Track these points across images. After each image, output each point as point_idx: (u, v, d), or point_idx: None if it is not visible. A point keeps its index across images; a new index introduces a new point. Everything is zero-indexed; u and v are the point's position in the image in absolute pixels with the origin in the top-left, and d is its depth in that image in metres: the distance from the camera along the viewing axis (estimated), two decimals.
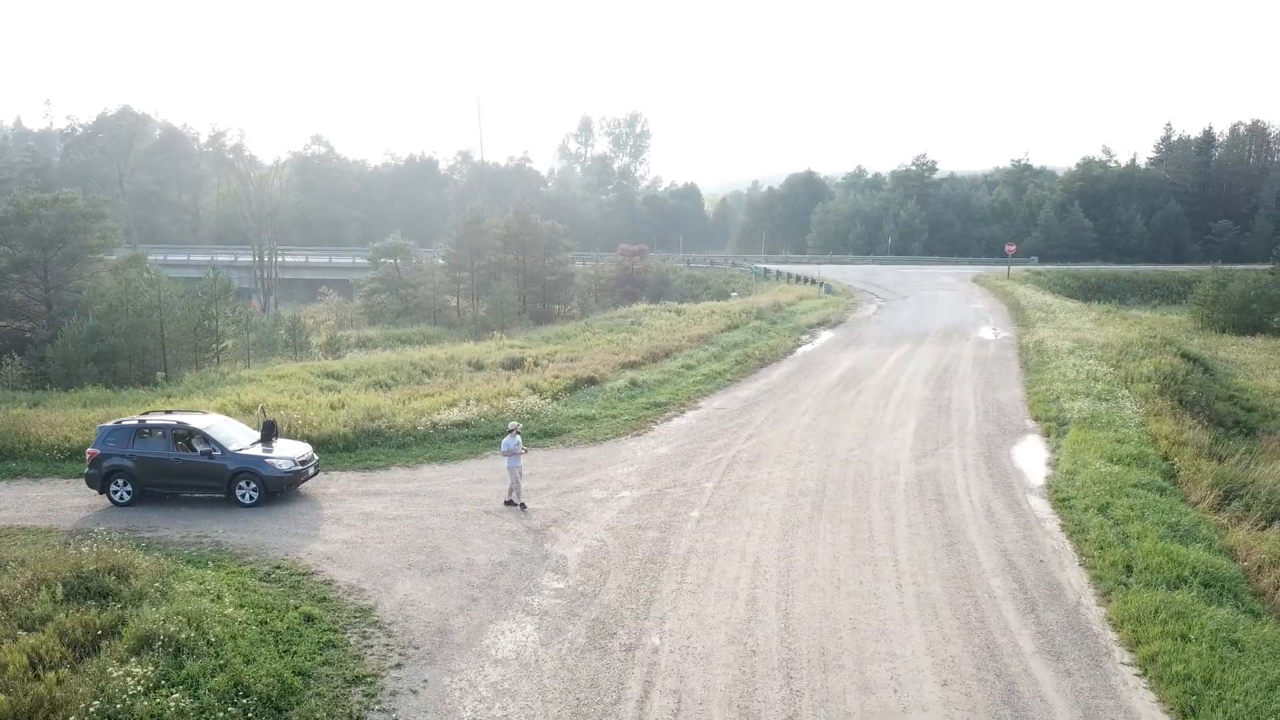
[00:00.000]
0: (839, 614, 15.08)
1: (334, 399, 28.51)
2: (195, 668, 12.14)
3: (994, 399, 31.96)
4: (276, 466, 20.60)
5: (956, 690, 12.71)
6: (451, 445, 25.37)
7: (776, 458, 24.50)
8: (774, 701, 12.40)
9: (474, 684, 12.90)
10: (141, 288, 37.37)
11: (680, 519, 19.69)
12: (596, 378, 33.38)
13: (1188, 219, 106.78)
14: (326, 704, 12.18)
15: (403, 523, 19.47)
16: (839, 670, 13.26)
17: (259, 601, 14.85)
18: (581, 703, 12.39)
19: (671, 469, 23.56)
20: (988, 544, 18.21)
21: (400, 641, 14.13)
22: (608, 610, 15.24)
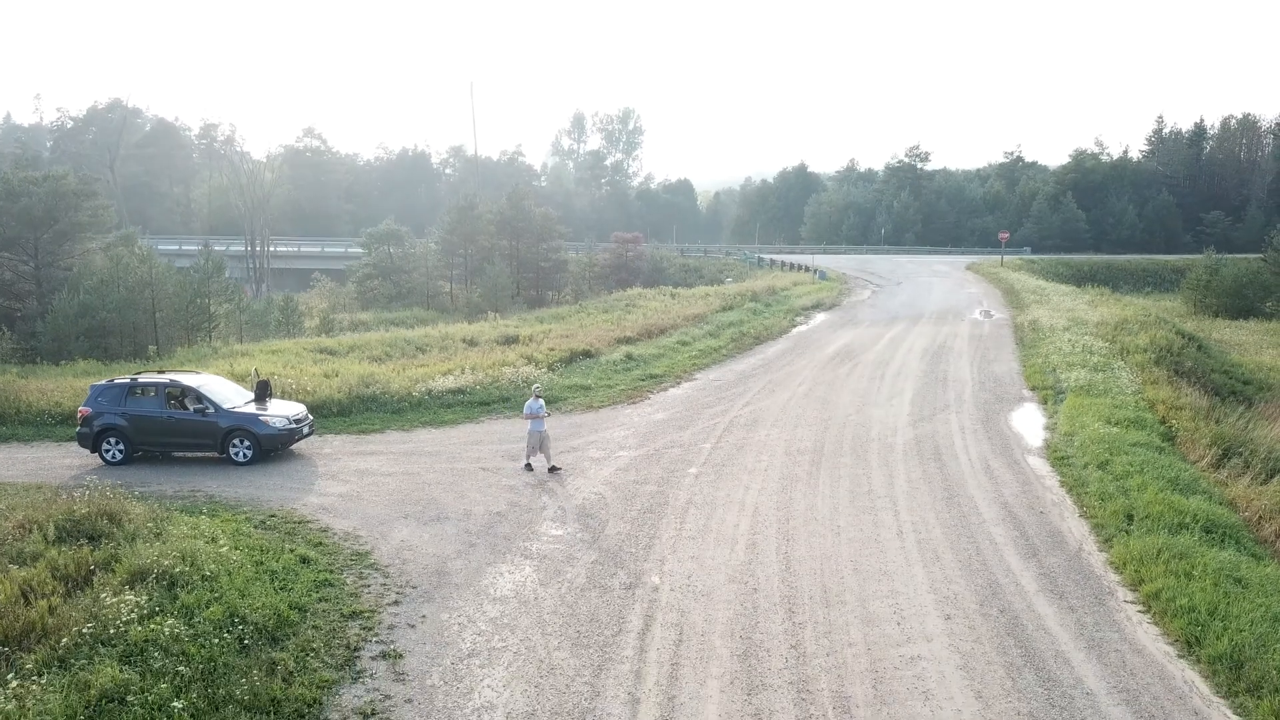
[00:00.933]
0: (840, 557, 14.96)
1: (328, 368, 28.30)
2: (190, 599, 11.96)
3: (990, 371, 31.90)
4: (271, 424, 20.40)
5: (960, 623, 12.59)
6: (447, 411, 25.19)
7: (773, 422, 24.38)
8: (776, 633, 12.27)
9: (473, 619, 12.75)
10: (133, 264, 37.05)
11: (678, 475, 19.56)
12: (592, 351, 33.22)
13: (1179, 210, 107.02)
14: (323, 635, 12.01)
15: (398, 479, 19.30)
16: (841, 606, 13.13)
17: (254, 544, 14.66)
18: (582, 635, 12.24)
19: (668, 432, 23.42)
20: (987, 497, 18.11)
21: (397, 582, 13.97)
22: (607, 554, 15.10)
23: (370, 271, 61.93)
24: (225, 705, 9.86)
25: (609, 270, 71.54)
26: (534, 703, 10.55)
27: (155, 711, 9.57)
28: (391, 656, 11.60)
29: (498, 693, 10.78)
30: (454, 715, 10.29)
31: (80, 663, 10.27)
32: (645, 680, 11.04)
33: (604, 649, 11.84)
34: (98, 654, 10.45)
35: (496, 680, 11.07)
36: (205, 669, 10.46)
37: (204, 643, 10.96)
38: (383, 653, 11.73)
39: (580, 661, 11.51)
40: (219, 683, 10.25)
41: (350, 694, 10.75)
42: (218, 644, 10.98)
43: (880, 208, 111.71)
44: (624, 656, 11.64)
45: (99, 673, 9.98)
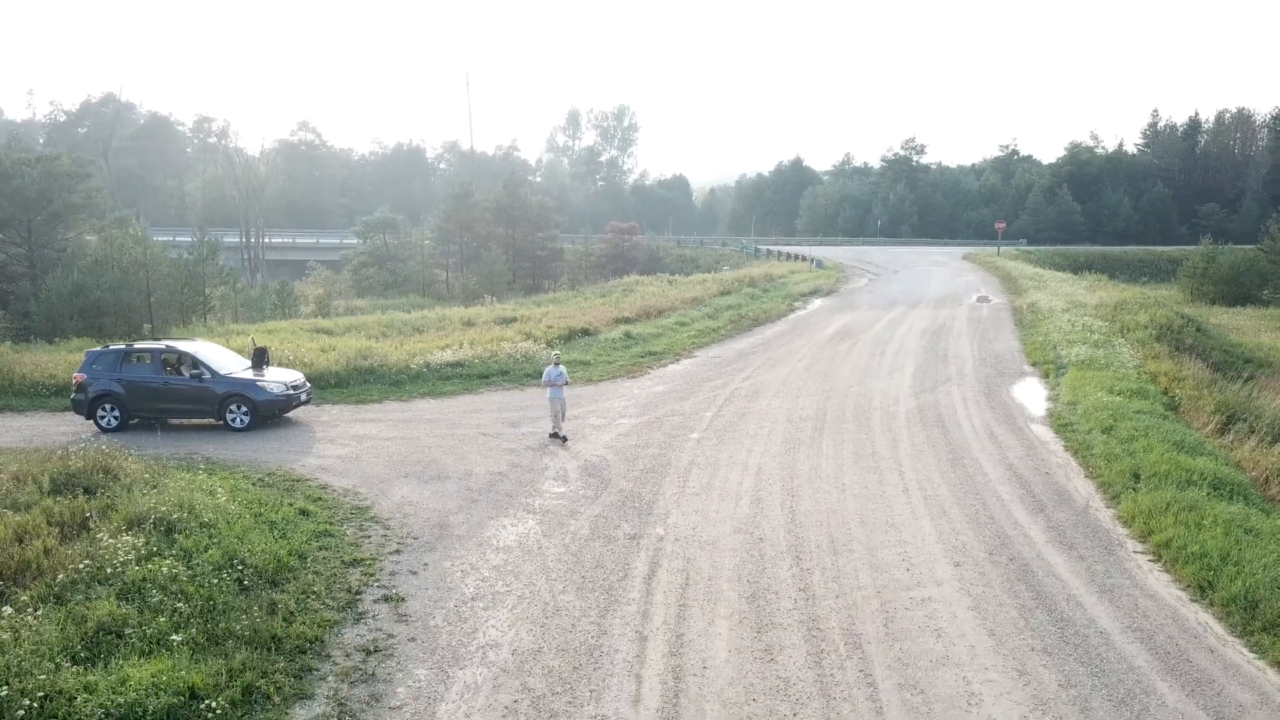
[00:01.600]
0: (846, 511, 14.79)
1: (324, 344, 28.07)
2: (188, 543, 11.76)
3: (990, 349, 31.76)
4: (268, 389, 20.19)
5: (970, 570, 12.43)
6: (445, 383, 24.98)
7: (774, 393, 24.22)
8: (784, 578, 12.10)
9: (475, 567, 12.56)
10: (127, 245, 36.77)
11: (679, 439, 19.38)
12: (590, 329, 33.03)
13: (1175, 203, 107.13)
14: (324, 580, 11.81)
15: (398, 443, 19.10)
16: (849, 554, 12.97)
17: (252, 498, 14.45)
18: (587, 580, 12.06)
19: (669, 402, 23.24)
20: (992, 459, 17.95)
21: (398, 533, 13.77)
22: (611, 508, 14.92)
23: (366, 260, 61.61)
24: (225, 640, 9.66)
25: (605, 260, 71.31)
26: (540, 641, 10.36)
27: (154, 645, 9.37)
28: (394, 600, 11.41)
29: (502, 632, 10.59)
30: (458, 653, 10.10)
31: (77, 598, 10.07)
32: (652, 620, 10.86)
33: (609, 592, 11.66)
34: (94, 591, 10.26)
35: (501, 621, 10.88)
36: (204, 607, 10.26)
37: (202, 582, 10.77)
38: (384, 596, 11.54)
39: (586, 604, 11.33)
40: (218, 619, 10.05)
41: (353, 633, 10.55)
42: (216, 584, 10.78)
43: (876, 200, 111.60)
44: (630, 599, 11.46)
45: (95, 607, 9.78)
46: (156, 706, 8.22)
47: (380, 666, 9.77)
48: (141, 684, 8.44)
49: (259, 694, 8.94)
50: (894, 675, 9.55)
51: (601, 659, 9.92)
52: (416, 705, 9.02)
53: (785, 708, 8.93)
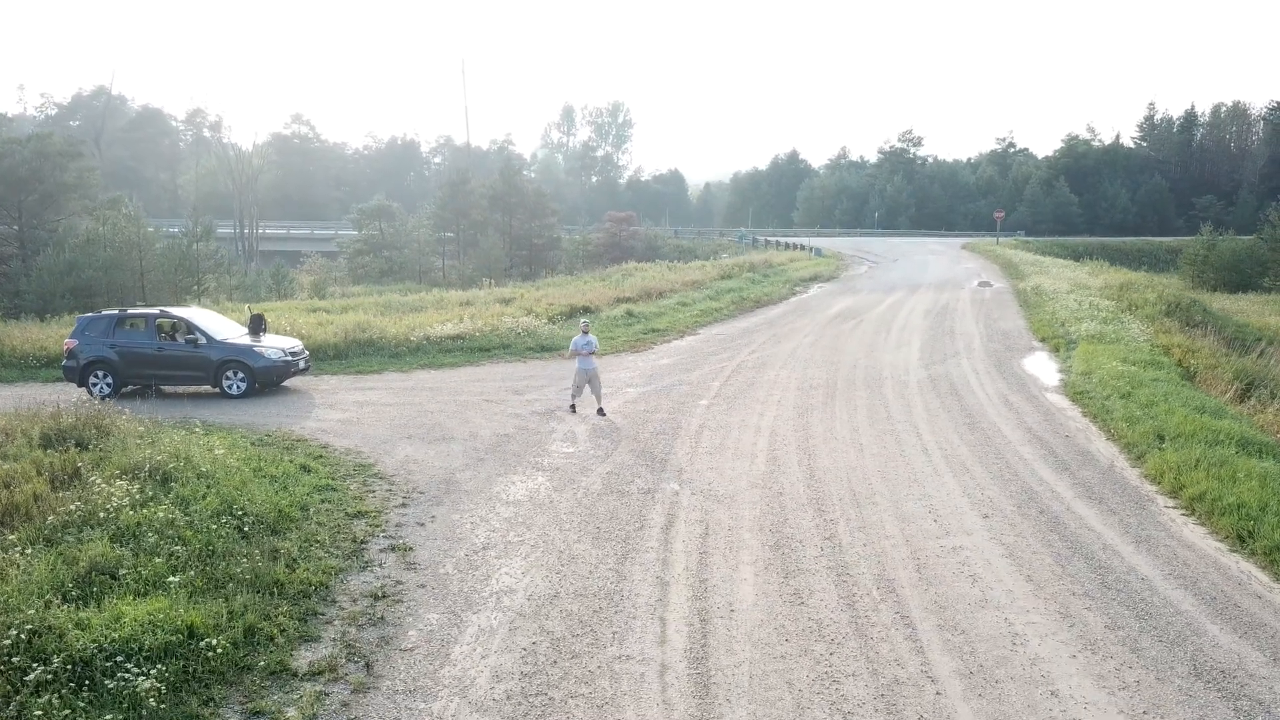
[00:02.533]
0: (865, 468, 14.32)
1: (322, 318, 27.54)
2: (185, 491, 11.24)
3: (996, 327, 31.35)
4: (265, 355, 19.65)
5: (999, 521, 11.96)
6: (446, 355, 24.46)
7: (782, 365, 23.75)
8: (808, 528, 11.61)
9: (485, 519, 12.05)
10: (120, 224, 36.14)
11: (688, 405, 18.89)
12: (592, 307, 32.53)
13: (1172, 195, 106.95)
14: (328, 530, 11.29)
15: (400, 408, 18.58)
16: (872, 506, 12.49)
17: (251, 455, 13.91)
18: (602, 530, 11.55)
19: (675, 373, 22.76)
20: (1010, 424, 17.49)
21: (403, 489, 13.26)
22: (623, 467, 14.42)
23: (361, 247, 60.96)
24: (225, 584, 9.14)
25: (603, 249, 70.77)
26: (556, 586, 9.86)
27: (150, 586, 8.84)
28: (401, 549, 10.90)
29: (516, 579, 10.09)
30: (471, 598, 9.59)
31: (68, 540, 9.55)
32: (673, 567, 10.37)
33: (626, 541, 11.16)
34: (86, 534, 9.73)
35: (515, 568, 10.38)
36: (203, 551, 9.74)
37: (200, 528, 10.24)
38: (391, 546, 11.02)
39: (602, 552, 10.83)
40: (218, 564, 9.53)
41: (359, 580, 10.04)
42: (215, 530, 10.26)
43: (873, 192, 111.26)
44: (648, 547, 10.97)
45: (88, 548, 9.26)
46: (153, 643, 7.70)
47: (389, 611, 9.26)
48: (137, 620, 7.93)
49: (261, 635, 8.42)
50: (932, 617, 9.07)
51: (622, 603, 9.42)
52: (429, 647, 8.51)
53: (820, 647, 8.45)
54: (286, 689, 7.74)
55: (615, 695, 7.63)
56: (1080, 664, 8.17)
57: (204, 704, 7.35)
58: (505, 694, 7.67)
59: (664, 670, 8.03)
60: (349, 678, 7.93)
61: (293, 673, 7.98)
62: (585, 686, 7.78)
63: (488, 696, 7.63)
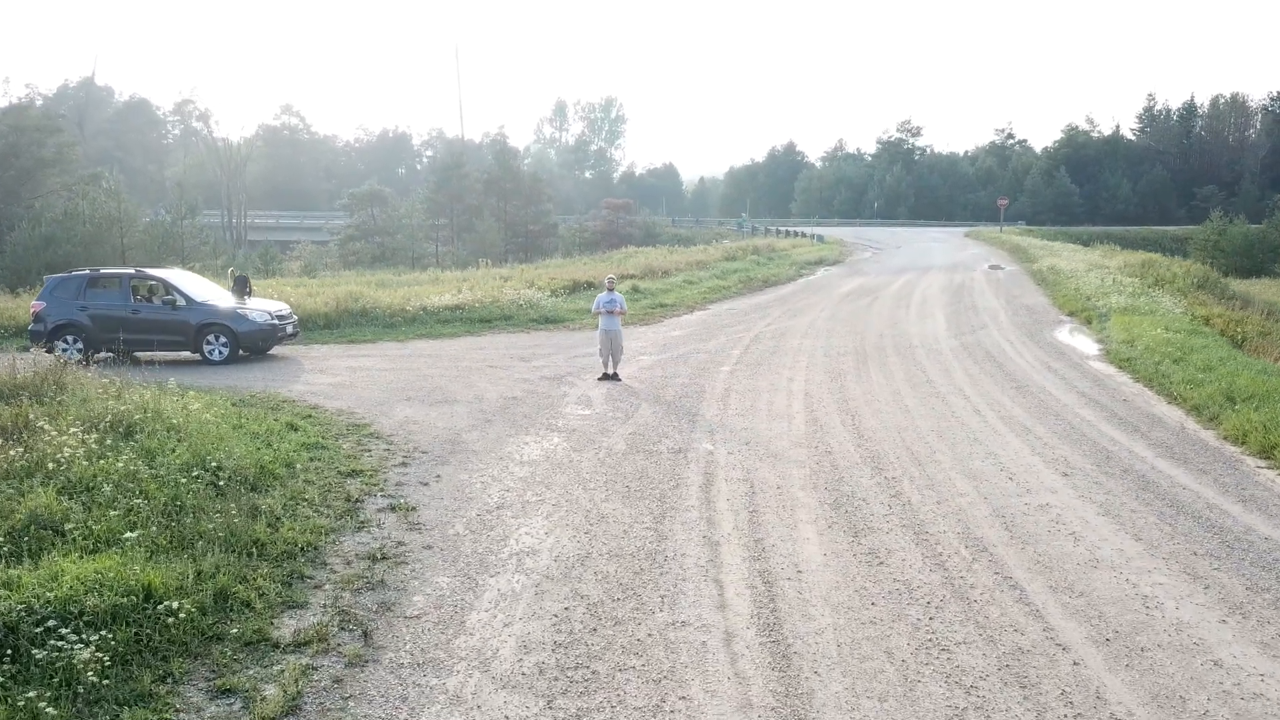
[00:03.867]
0: (918, 428, 12.86)
1: (312, 289, 25.99)
2: (152, 443, 9.71)
3: (1019, 302, 29.98)
4: (250, 318, 18.13)
5: (1082, 480, 10.50)
6: (444, 326, 22.95)
7: (802, 335, 22.31)
8: (868, 486, 10.14)
9: (498, 478, 10.55)
10: (100, 199, 34.49)
11: (709, 372, 17.42)
12: (595, 282, 30.94)
13: (1173, 185, 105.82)
14: (317, 489, 9.77)
15: (397, 373, 17.08)
16: (935, 464, 11.03)
17: (231, 412, 12.37)
18: (632, 490, 10.07)
19: (690, 343, 21.30)
20: (1059, 388, 16.05)
21: (403, 448, 11.75)
22: (646, 428, 12.94)
23: (353, 233, 59.28)
24: (194, 543, 7.63)
25: (600, 237, 69.24)
26: (586, 547, 8.38)
27: (102, 544, 7.32)
28: (402, 509, 9.39)
29: (539, 539, 8.60)
30: (486, 561, 8.10)
31: (5, 492, 8.01)
32: (720, 526, 8.89)
33: (662, 500, 9.68)
34: (28, 485, 8.20)
35: (536, 528, 8.89)
36: (168, 506, 8.24)
37: (167, 481, 8.72)
38: (391, 505, 9.52)
39: (636, 511, 9.34)
40: (185, 519, 8.02)
41: (354, 541, 8.54)
42: (184, 484, 8.74)
43: (872, 183, 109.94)
44: (688, 506, 9.49)
45: (28, 500, 7.74)
46: (98, 605, 6.19)
47: (391, 574, 7.77)
48: (81, 579, 6.41)
49: (236, 600, 6.92)
50: (1039, 578, 7.61)
51: (667, 564, 7.94)
52: (440, 614, 7.02)
53: (915, 611, 6.98)
54: (265, 662, 6.23)
55: (674, 668, 6.15)
56: (1234, 629, 6.72)
57: (159, 679, 5.84)
58: (537, 667, 6.18)
59: (730, 638, 6.55)
60: (343, 649, 6.42)
61: (273, 643, 6.47)
62: (635, 658, 6.29)
63: (515, 670, 6.14)
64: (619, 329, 16.63)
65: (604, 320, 16.58)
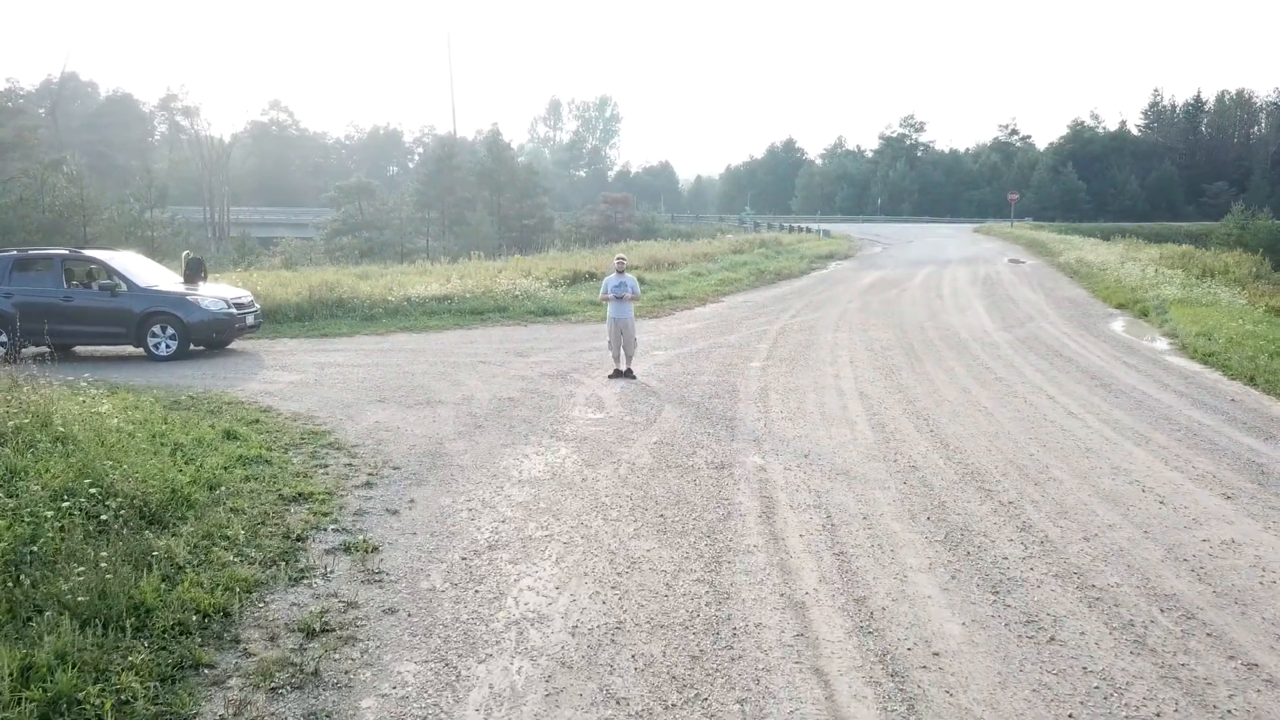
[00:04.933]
0: (1011, 435, 10.38)
1: (284, 278, 23.45)
2: (21, 461, 7.18)
3: (1058, 295, 27.57)
4: (201, 306, 15.59)
5: (1251, 502, 8.03)
6: (431, 318, 20.44)
7: (833, 328, 19.85)
8: (981, 515, 7.65)
9: (490, 504, 8.04)
10: (60, 186, 31.89)
11: (738, 367, 14.93)
12: (597, 273, 28.51)
13: (1181, 181, 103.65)
14: (246, 520, 7.25)
15: (372, 369, 14.56)
16: (1055, 484, 8.54)
17: (156, 418, 9.85)
18: (669, 521, 7.57)
19: (709, 336, 18.83)
20: (1151, 386, 13.58)
21: (369, 462, 9.23)
22: (675, 435, 10.44)
23: (339, 227, 56.58)
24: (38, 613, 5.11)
25: (597, 232, 66.55)
26: (616, 611, 5.87)
27: None
28: (359, 550, 6.87)
29: (548, 597, 6.09)
30: (474, 632, 5.60)
31: None
32: (801, 578, 6.38)
33: (711, 536, 7.18)
34: None
35: (543, 579, 6.38)
36: (10, 555, 5.70)
37: (24, 515, 6.20)
38: (344, 545, 7.00)
39: (678, 553, 6.84)
40: (32, 575, 5.50)
41: (286, 601, 6.02)
42: (50, 518, 6.21)
43: (875, 179, 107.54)
44: (749, 545, 6.99)
45: None
46: None
47: (331, 660, 5.26)
48: None
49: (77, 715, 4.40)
50: None
51: (737, 641, 5.45)
52: None
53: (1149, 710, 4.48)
54: None
55: None
56: None
57: None
58: None
59: None
60: None
61: None
62: None
63: None
64: (630, 316, 14.18)
65: (613, 307, 14.13)
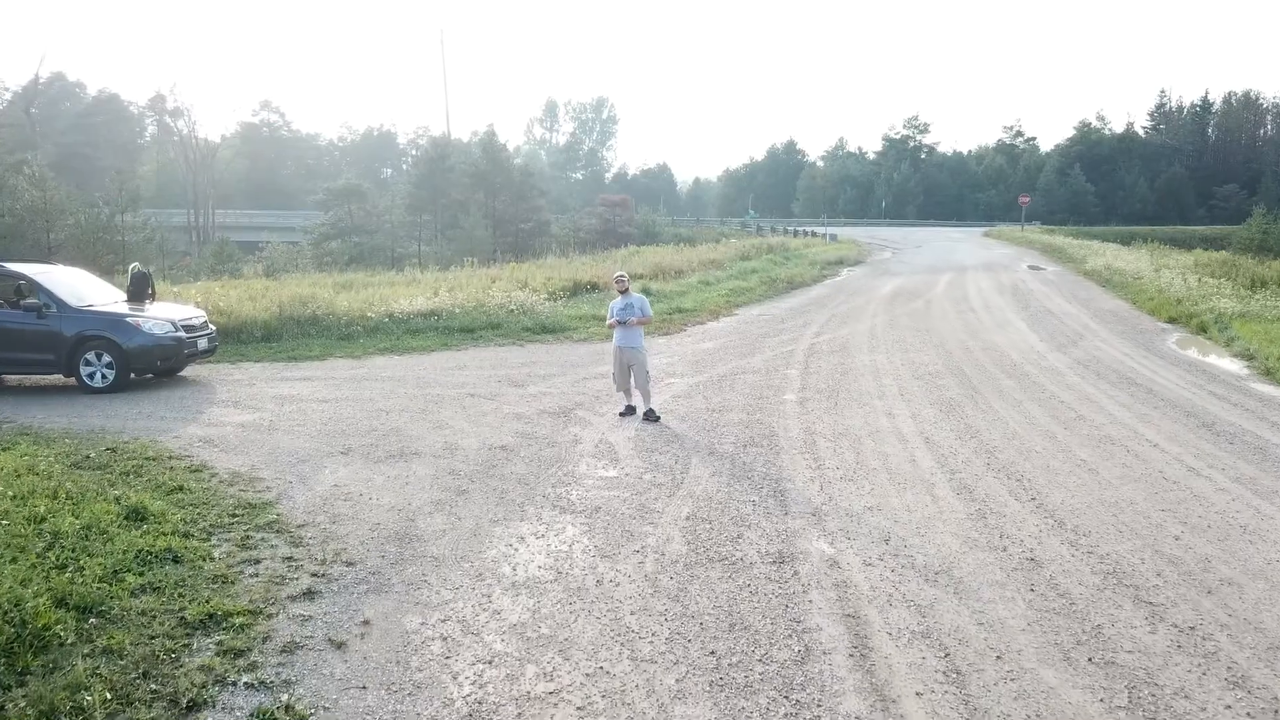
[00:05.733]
0: (1138, 506, 8.22)
1: (252, 290, 21.25)
2: None
3: (1098, 307, 25.44)
4: (143, 329, 13.38)
5: None
6: (415, 337, 18.25)
7: (867, 348, 17.70)
8: (1158, 650, 5.48)
9: (473, 628, 5.85)
10: (22, 188, 29.65)
11: (769, 402, 12.77)
12: (598, 284, 26.42)
13: (1191, 183, 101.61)
14: (119, 673, 5.04)
15: (340, 405, 12.36)
16: (1233, 590, 6.38)
17: (42, 488, 7.65)
18: (724, 662, 5.38)
19: (729, 359, 16.66)
20: (1264, 429, 11.44)
21: (317, 554, 7.04)
22: (709, 504, 8.26)
23: (328, 231, 54.24)
24: None
25: (596, 236, 64.32)
26: None
27: None
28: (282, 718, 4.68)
29: None
30: None
31: None
32: None
33: (790, 695, 4.99)
34: None
35: None
36: None
37: None
38: (259, 711, 4.80)
39: None
40: None
41: None
42: None
43: (879, 181, 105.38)
44: (849, 715, 4.79)
45: None
46: None
47: None
48: None
49: None
50: None
51: None
52: None
53: None
54: None
55: None
56: None
57: None
58: None
59: None
60: None
61: None
62: None
63: None
64: (640, 345, 12.00)
65: (619, 334, 12.01)
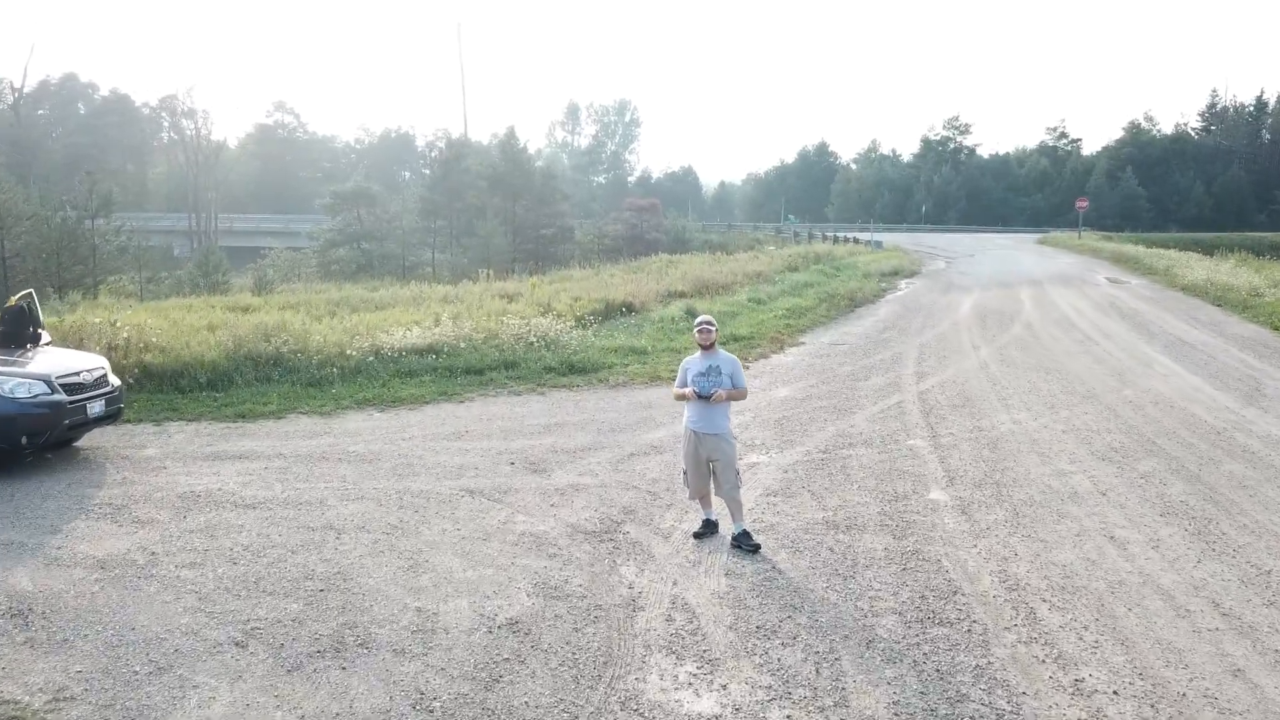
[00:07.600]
0: None
1: (210, 319, 17.21)
2: None
3: (1235, 334, 21.14)
4: (5, 391, 9.31)
5: None
6: (404, 382, 14.14)
7: (1001, 402, 13.48)
8: None
9: None
10: None
11: (915, 508, 8.57)
12: (635, 305, 22.32)
13: (1251, 187, 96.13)
14: None
15: (274, 516, 8.23)
16: None
17: None
18: None
19: (822, 418, 12.47)
20: None
21: None
22: None
23: (335, 238, 50.41)
24: None
25: (622, 243, 60.19)
26: None
27: None
28: None
29: None
30: None
31: None
32: None
33: None
34: None
35: None
36: None
37: None
38: None
39: None
40: None
41: None
42: None
43: (918, 185, 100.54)
44: None
45: None
46: None
47: None
48: None
49: None
50: None
51: None
52: None
53: None
54: None
55: None
56: None
57: None
58: None
59: None
60: None
61: None
62: None
63: None
64: (726, 431, 7.73)
65: (694, 413, 7.70)
